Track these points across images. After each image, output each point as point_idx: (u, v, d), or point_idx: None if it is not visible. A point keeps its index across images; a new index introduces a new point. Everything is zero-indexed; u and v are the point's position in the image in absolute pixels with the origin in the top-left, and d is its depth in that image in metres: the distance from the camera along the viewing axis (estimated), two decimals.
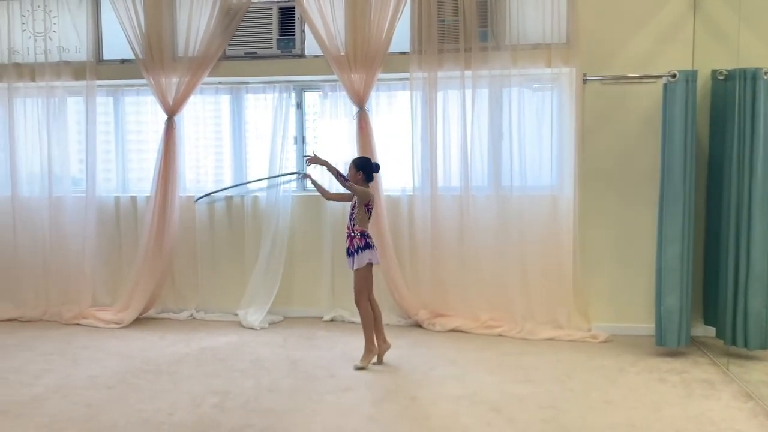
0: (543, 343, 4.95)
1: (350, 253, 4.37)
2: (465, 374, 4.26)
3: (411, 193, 5.42)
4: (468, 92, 5.21)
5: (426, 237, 5.33)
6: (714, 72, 4.74)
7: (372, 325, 4.42)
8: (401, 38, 5.28)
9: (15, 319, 5.69)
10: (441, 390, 3.98)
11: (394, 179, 5.59)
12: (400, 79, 5.46)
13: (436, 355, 4.64)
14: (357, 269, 4.35)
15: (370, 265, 4.36)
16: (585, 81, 4.99)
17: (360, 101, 5.30)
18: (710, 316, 4.87)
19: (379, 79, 5.37)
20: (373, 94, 5.40)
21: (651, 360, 4.51)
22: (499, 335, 5.11)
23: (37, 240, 5.74)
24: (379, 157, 5.36)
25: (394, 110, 5.61)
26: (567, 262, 5.13)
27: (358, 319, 5.39)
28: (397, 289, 5.37)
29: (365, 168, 4.38)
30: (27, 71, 5.71)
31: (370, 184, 4.48)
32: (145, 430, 3.42)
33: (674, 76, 4.50)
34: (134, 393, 3.95)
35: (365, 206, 4.35)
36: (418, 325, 5.35)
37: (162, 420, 3.53)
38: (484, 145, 5.27)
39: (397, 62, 5.32)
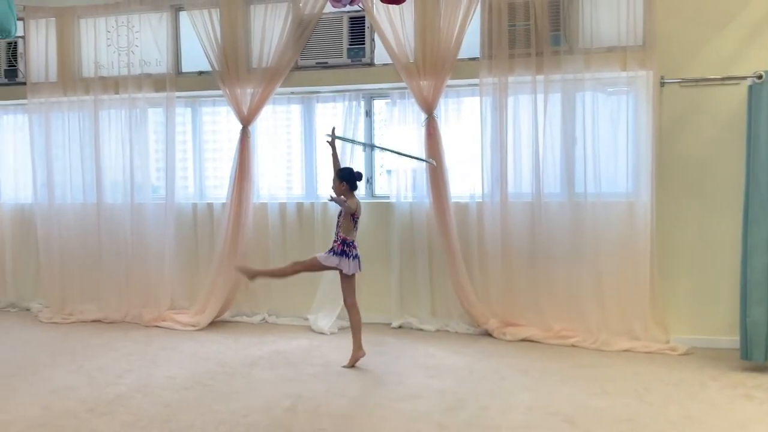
0: (618, 354, 4.80)
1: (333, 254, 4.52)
2: (537, 385, 4.17)
3: (480, 200, 5.38)
4: (540, 97, 5.13)
5: (496, 244, 5.27)
6: None
7: (360, 327, 4.59)
8: (471, 44, 5.26)
9: (99, 320, 5.99)
10: (512, 400, 3.91)
11: (463, 185, 5.56)
12: (470, 85, 5.43)
13: (507, 365, 4.57)
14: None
15: (341, 272, 4.50)
16: (662, 84, 4.83)
17: (428, 108, 5.30)
18: None
19: (448, 86, 5.36)
20: (441, 101, 5.40)
21: (735, 375, 4.29)
22: (572, 346, 4.99)
23: (119, 245, 6.01)
24: (448, 163, 5.36)
25: (462, 116, 5.59)
26: (644, 271, 4.95)
27: (427, 327, 5.46)
28: (466, 297, 5.33)
29: (348, 179, 4.51)
30: (111, 84, 6.01)
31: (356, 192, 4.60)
32: (220, 431, 3.51)
33: (760, 77, 4.29)
34: (210, 394, 4.06)
35: (351, 216, 4.47)
36: (488, 334, 5.29)
37: (237, 421, 3.62)
38: (557, 151, 5.17)
39: (466, 68, 5.29)
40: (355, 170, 4.62)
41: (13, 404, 3.89)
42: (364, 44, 5.51)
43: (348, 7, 5.24)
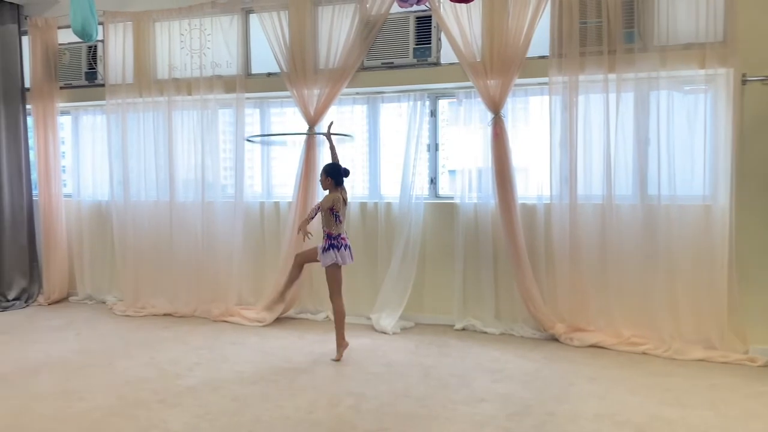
0: (693, 364, 4.60)
1: (323, 251, 4.68)
2: (606, 392, 4.04)
3: (548, 201, 5.27)
4: (612, 96, 4.97)
5: (564, 247, 5.14)
6: None
7: (343, 322, 4.75)
8: (539, 42, 5.15)
9: (170, 314, 6.19)
10: (581, 407, 3.80)
11: (530, 186, 5.47)
12: (538, 84, 5.33)
13: (575, 371, 4.45)
14: (325, 268, 4.70)
15: (337, 265, 4.65)
16: (744, 82, 4.61)
17: (495, 107, 5.23)
18: None
19: (516, 85, 5.27)
20: (508, 100, 5.31)
21: None
22: (644, 353, 4.82)
23: (190, 242, 6.19)
24: (515, 163, 5.27)
25: (530, 116, 5.49)
26: (721, 277, 4.73)
27: (491, 330, 5.39)
28: (532, 300, 5.23)
29: (333, 174, 4.70)
30: (184, 85, 6.20)
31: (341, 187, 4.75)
32: (286, 426, 3.56)
33: None
34: (275, 390, 4.13)
35: (330, 210, 4.62)
36: (554, 339, 5.17)
37: (302, 418, 3.66)
38: (629, 152, 5.00)
39: (535, 67, 5.19)
40: (343, 167, 4.77)
41: (91, 393, 4.06)
42: (430, 44, 5.48)
43: (414, 7, 5.26)
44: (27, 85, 6.78)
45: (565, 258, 5.15)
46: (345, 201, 4.77)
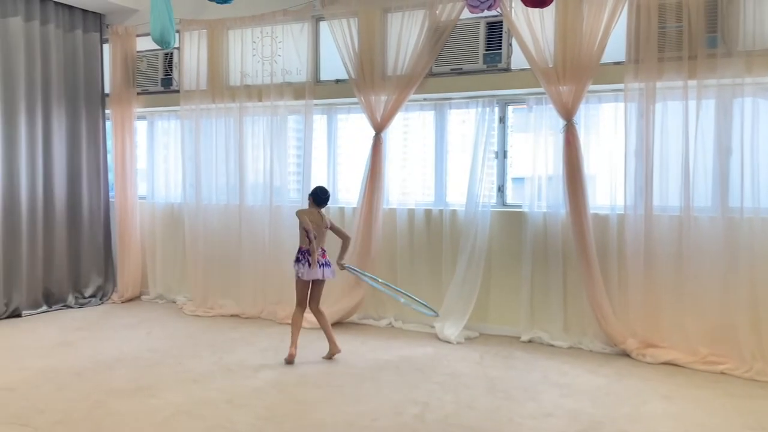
0: None
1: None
2: (682, 413, 3.86)
3: (621, 212, 5.10)
4: (691, 103, 4.77)
5: (638, 259, 4.96)
6: None
7: (329, 328, 4.93)
8: (615, 47, 5.00)
9: (237, 315, 6.31)
10: (654, 427, 3.64)
11: (602, 196, 5.30)
12: (613, 91, 5.17)
13: (648, 389, 4.27)
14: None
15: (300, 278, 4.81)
16: None
17: (568, 114, 5.10)
18: None
19: (589, 91, 5.13)
20: (581, 107, 5.17)
21: None
22: (722, 373, 4.58)
23: (257, 245, 6.30)
24: (586, 171, 5.12)
25: (604, 123, 5.32)
26: None
27: (558, 343, 5.26)
28: (603, 314, 5.06)
29: (313, 195, 4.92)
30: (255, 92, 6.32)
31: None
32: None
33: None
34: (339, 395, 4.13)
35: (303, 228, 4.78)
36: (626, 355, 4.99)
37: (366, 424, 3.65)
38: (709, 161, 4.79)
39: (609, 73, 5.04)
40: (325, 193, 4.92)
41: (161, 390, 4.17)
42: (500, 49, 5.40)
43: (485, 12, 5.21)
44: (106, 90, 7.07)
45: (639, 271, 4.96)
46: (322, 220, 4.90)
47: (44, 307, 6.47)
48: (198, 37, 6.54)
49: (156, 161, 7.18)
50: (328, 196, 4.95)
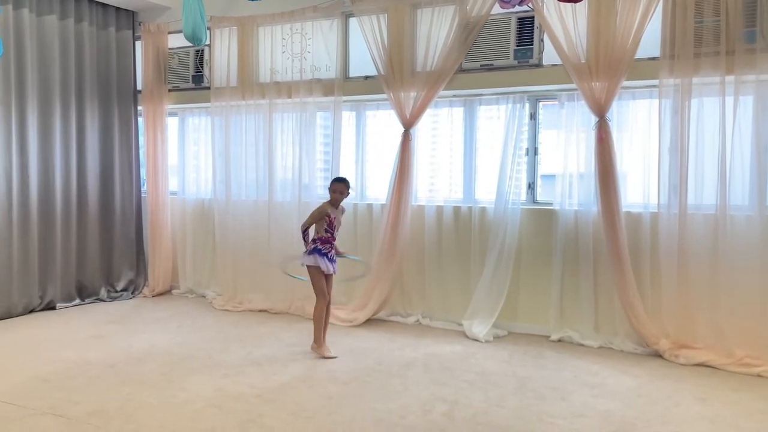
0: None
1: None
2: (717, 416, 3.78)
3: (655, 210, 5.01)
4: (729, 100, 4.66)
5: (671, 259, 4.87)
6: None
7: (321, 322, 4.92)
8: (649, 42, 4.91)
9: (266, 310, 6.35)
10: (688, 429, 3.58)
11: (635, 194, 5.21)
12: (647, 87, 5.08)
13: (681, 390, 4.20)
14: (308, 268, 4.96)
15: (311, 267, 4.88)
16: None
17: (600, 111, 5.02)
18: None
19: (622, 87, 5.04)
20: (614, 103, 5.08)
21: None
22: (758, 376, 4.48)
23: (286, 240, 6.32)
24: (619, 169, 5.04)
25: (637, 120, 5.23)
26: None
27: (589, 342, 5.20)
28: (635, 314, 4.98)
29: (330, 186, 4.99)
30: (285, 89, 6.35)
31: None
32: (379, 429, 3.55)
33: None
34: (368, 391, 4.13)
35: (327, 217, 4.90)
36: (658, 355, 4.90)
37: (394, 422, 3.64)
38: (746, 159, 4.67)
39: (644, 68, 4.95)
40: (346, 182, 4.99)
41: (192, 384, 4.22)
42: (532, 45, 5.34)
43: (517, 8, 5.12)
44: (139, 87, 7.16)
45: (673, 270, 4.87)
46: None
47: (77, 300, 6.59)
48: (228, 34, 6.58)
49: (186, 157, 7.26)
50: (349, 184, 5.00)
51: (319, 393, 4.08)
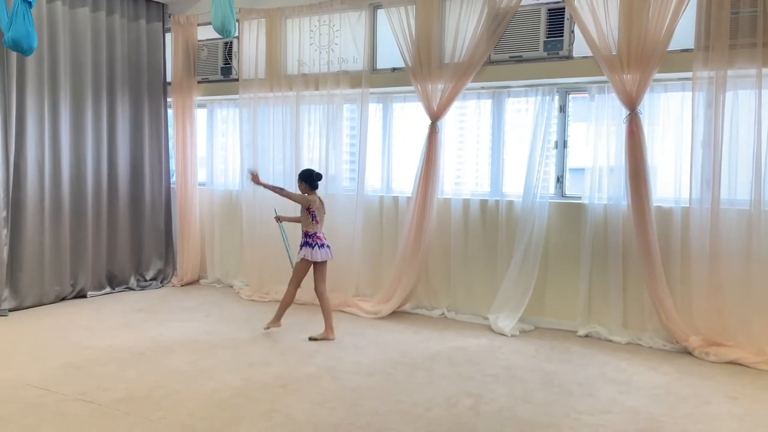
0: None
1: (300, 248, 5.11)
2: (748, 414, 3.71)
3: (686, 205, 4.92)
4: (765, 93, 4.54)
5: (703, 255, 4.78)
6: None
7: (284, 306, 5.19)
8: (682, 34, 4.80)
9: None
10: (717, 427, 3.52)
11: (666, 188, 5.12)
12: (680, 79, 4.98)
13: (711, 388, 4.13)
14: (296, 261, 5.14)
15: (306, 260, 5.04)
16: None
17: (631, 104, 4.93)
18: None
19: (654, 80, 4.95)
20: (645, 96, 4.99)
21: None
22: None
23: None
24: (650, 163, 4.95)
25: (669, 113, 5.13)
26: None
27: (617, 338, 5.13)
28: (665, 310, 4.90)
29: (306, 178, 5.15)
30: (312, 81, 6.36)
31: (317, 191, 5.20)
32: (403, 421, 3.55)
33: None
34: (393, 383, 4.14)
35: (306, 210, 5.07)
36: (688, 353, 4.82)
37: (419, 414, 3.64)
38: None
39: (676, 61, 4.85)
40: (315, 172, 5.20)
41: (219, 373, 4.27)
42: (562, 36, 5.26)
43: None
44: (168, 79, 7.24)
45: (704, 266, 4.78)
46: (321, 203, 5.17)
47: (108, 289, 6.71)
48: (257, 26, 6.61)
49: (215, 149, 7.32)
50: (321, 176, 5.24)
51: (344, 384, 4.10)
